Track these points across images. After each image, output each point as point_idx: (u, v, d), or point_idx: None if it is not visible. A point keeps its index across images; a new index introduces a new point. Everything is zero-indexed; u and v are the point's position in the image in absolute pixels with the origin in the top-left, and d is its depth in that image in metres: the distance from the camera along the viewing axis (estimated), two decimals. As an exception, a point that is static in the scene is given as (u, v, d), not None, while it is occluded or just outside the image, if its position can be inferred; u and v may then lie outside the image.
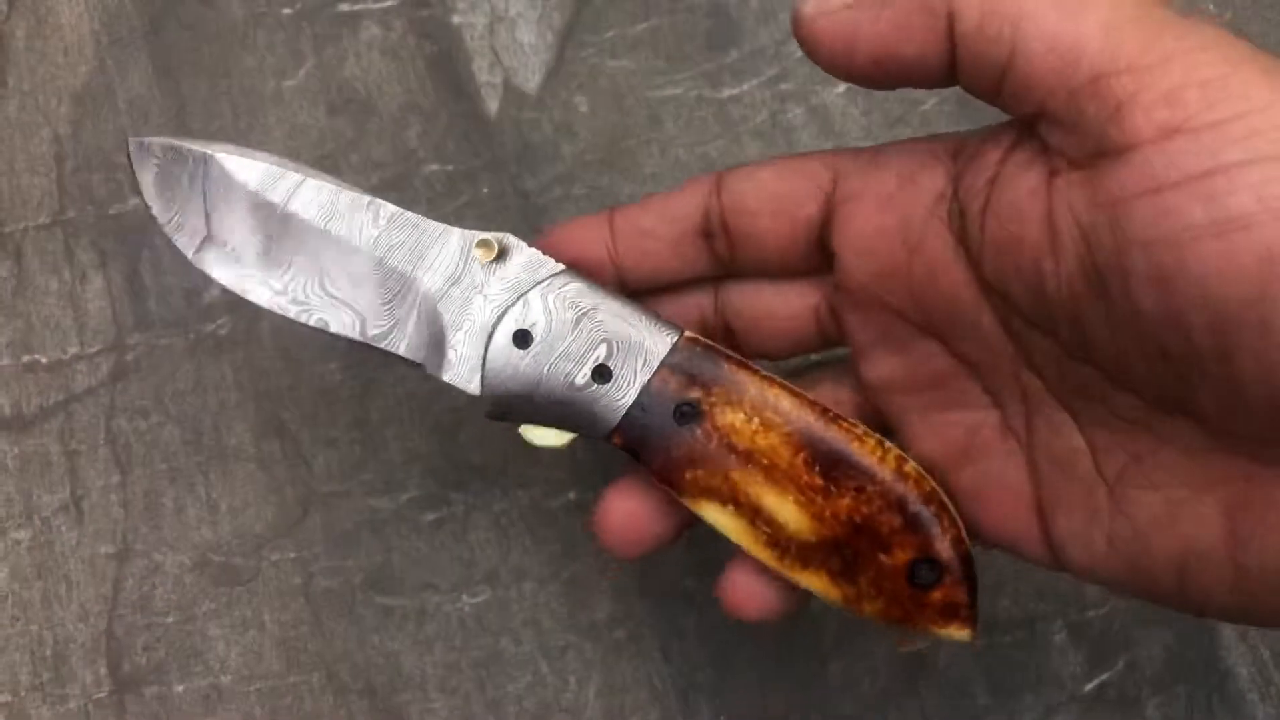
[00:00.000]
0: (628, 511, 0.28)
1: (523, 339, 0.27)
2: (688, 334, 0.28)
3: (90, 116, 0.36)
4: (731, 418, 0.27)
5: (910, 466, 0.27)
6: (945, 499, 0.27)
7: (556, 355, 0.27)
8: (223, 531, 0.34)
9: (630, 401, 0.27)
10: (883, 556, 0.27)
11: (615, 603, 0.34)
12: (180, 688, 0.33)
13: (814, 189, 0.28)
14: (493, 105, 0.36)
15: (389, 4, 0.36)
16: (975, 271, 0.26)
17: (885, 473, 0.27)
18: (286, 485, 0.34)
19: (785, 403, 0.27)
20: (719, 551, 0.34)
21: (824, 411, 0.27)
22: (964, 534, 0.27)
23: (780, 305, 0.29)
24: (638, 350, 0.27)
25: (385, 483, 0.34)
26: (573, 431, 0.28)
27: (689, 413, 0.27)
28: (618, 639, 0.34)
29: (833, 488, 0.27)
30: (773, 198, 0.28)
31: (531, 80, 0.36)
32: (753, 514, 0.27)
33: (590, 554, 0.34)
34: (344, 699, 0.33)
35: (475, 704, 0.33)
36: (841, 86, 0.37)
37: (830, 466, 0.27)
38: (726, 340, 0.30)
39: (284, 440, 0.34)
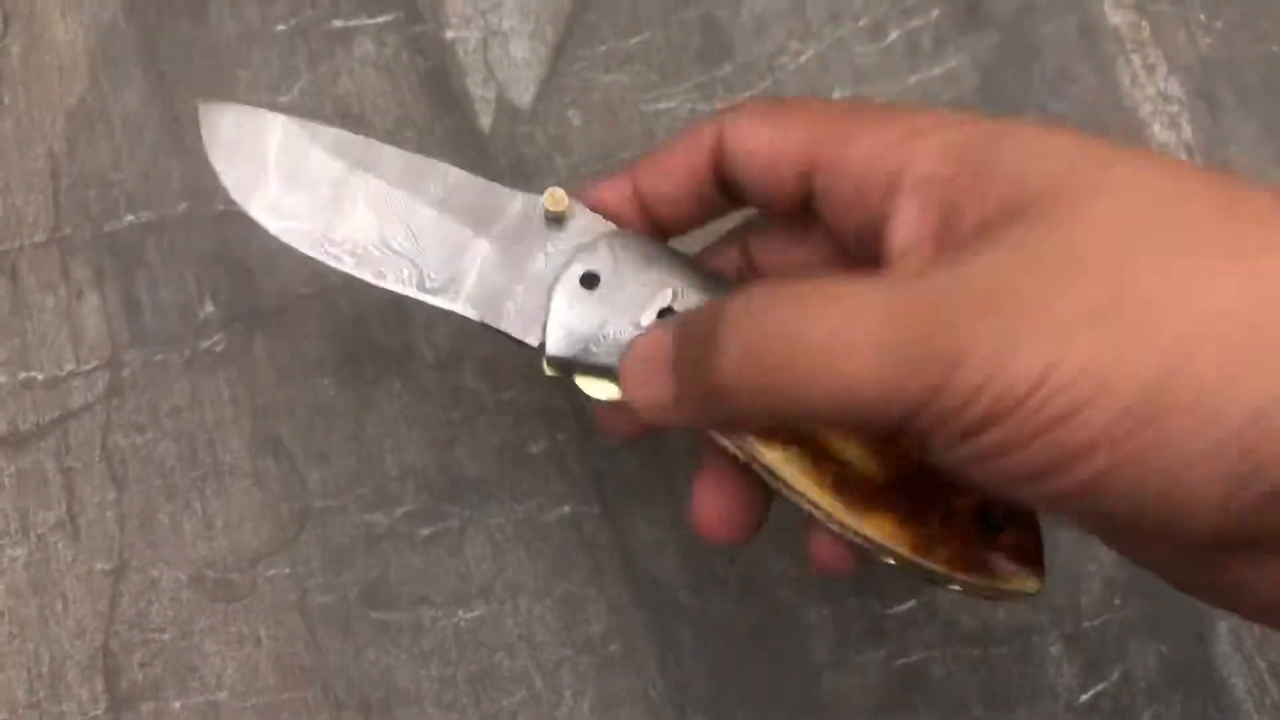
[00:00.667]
0: (718, 506, 0.28)
1: (590, 281, 0.27)
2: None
3: (85, 134, 0.36)
4: None
5: None
6: None
7: (624, 296, 0.27)
8: (218, 547, 0.34)
9: None
10: (954, 498, 0.26)
11: (610, 616, 0.34)
12: (177, 704, 0.33)
13: (811, 128, 0.26)
14: (486, 120, 0.36)
15: (382, 20, 0.37)
16: None
17: None
18: (282, 501, 0.34)
19: None
20: (714, 566, 0.34)
21: None
22: None
23: (806, 253, 0.28)
24: (701, 295, 0.27)
25: (380, 498, 0.34)
26: None
27: None
28: (613, 653, 0.34)
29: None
30: (771, 138, 0.27)
31: (525, 95, 0.36)
32: (820, 453, 0.26)
33: (585, 568, 0.34)
34: (340, 714, 0.33)
35: (470, 718, 0.33)
36: (835, 97, 0.37)
37: None
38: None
39: (279, 456, 0.34)
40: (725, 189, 0.28)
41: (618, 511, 0.34)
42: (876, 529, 0.26)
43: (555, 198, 0.28)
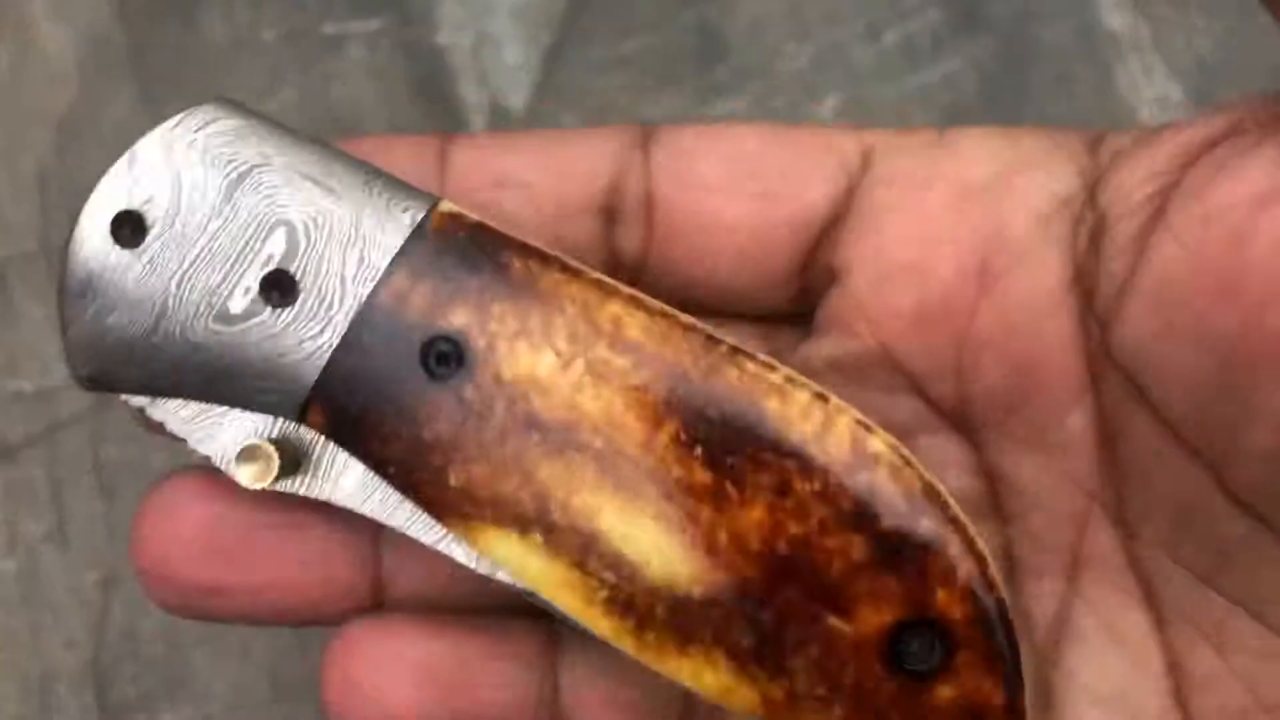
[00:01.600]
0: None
1: (131, 228, 0.17)
2: (446, 206, 0.16)
3: (74, 143, 0.36)
4: (530, 362, 0.15)
5: (880, 441, 0.16)
6: (951, 503, 0.16)
7: (193, 256, 0.16)
8: (209, 559, 0.34)
9: (336, 339, 0.16)
10: (834, 620, 0.15)
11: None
12: (168, 717, 0.33)
13: (828, 166, 0.17)
14: (480, 125, 0.36)
15: (373, 26, 0.36)
16: (1093, 331, 0.16)
17: (834, 454, 0.15)
18: (273, 512, 0.34)
19: (635, 329, 0.15)
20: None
21: (711, 342, 0.16)
22: (990, 571, 0.16)
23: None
24: (348, 239, 0.16)
25: (372, 508, 0.34)
26: (233, 406, 0.16)
27: (449, 354, 0.16)
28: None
29: (733, 488, 0.15)
30: (752, 170, 0.17)
31: (518, 99, 0.36)
32: (580, 547, 0.16)
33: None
34: (332, 727, 0.33)
35: (464, 731, 0.33)
36: (832, 101, 0.36)
37: (727, 447, 0.15)
38: None
39: (270, 467, 0.34)
40: (609, 229, 0.18)
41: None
42: (690, 676, 0.16)
43: None
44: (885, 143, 0.18)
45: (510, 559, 0.16)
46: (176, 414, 0.16)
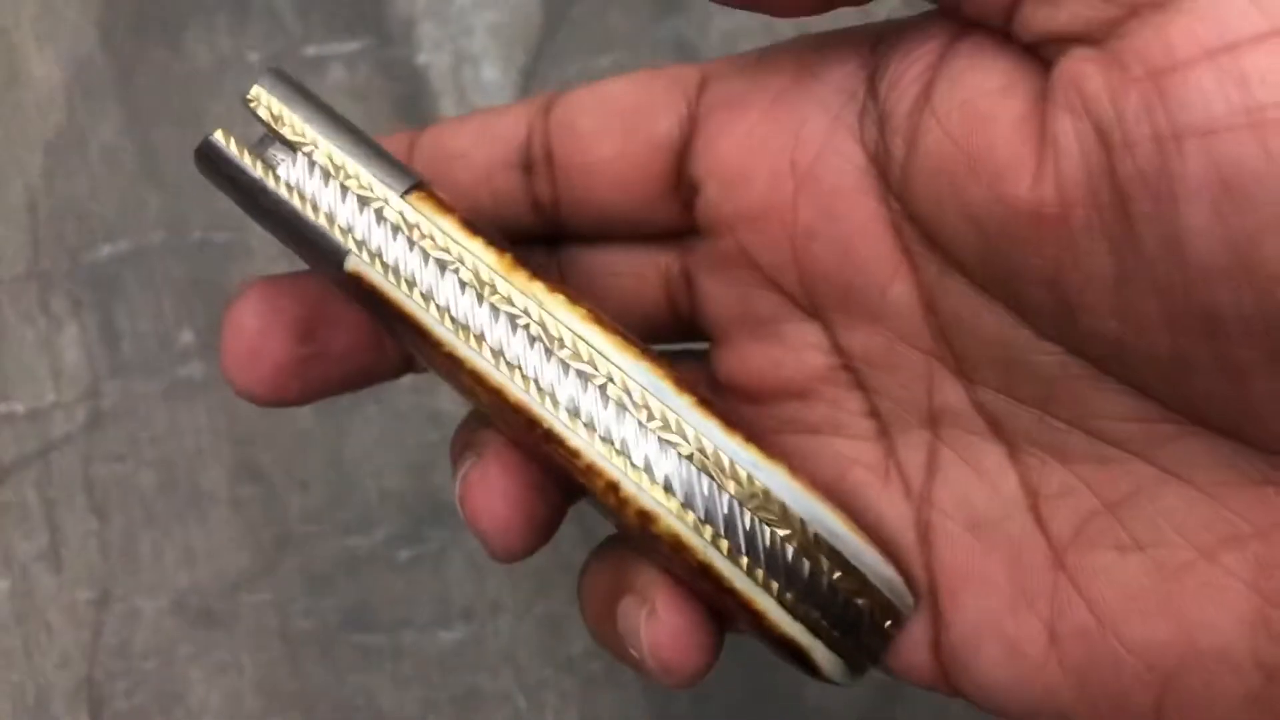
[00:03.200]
0: (503, 505, 0.21)
1: None
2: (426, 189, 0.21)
3: (62, 166, 0.36)
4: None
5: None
6: None
7: None
8: (200, 575, 0.34)
9: None
10: None
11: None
12: (162, 731, 0.33)
13: (672, 98, 0.21)
14: (460, 143, 0.36)
15: (354, 47, 0.37)
16: (894, 208, 0.19)
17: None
18: (262, 527, 0.34)
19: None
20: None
21: (697, 397, 0.20)
22: None
23: (621, 264, 0.22)
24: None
25: (360, 522, 0.34)
26: None
27: None
28: (594, 672, 0.34)
29: None
30: (616, 113, 0.21)
31: (498, 117, 0.37)
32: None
33: (565, 587, 0.34)
34: (323, 739, 0.33)
35: (454, 740, 0.34)
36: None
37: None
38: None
39: (258, 483, 0.35)
40: (531, 169, 0.22)
41: (595, 530, 0.34)
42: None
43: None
44: (717, 69, 0.21)
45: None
46: None
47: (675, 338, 0.23)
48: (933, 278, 0.19)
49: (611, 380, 0.19)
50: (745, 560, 0.19)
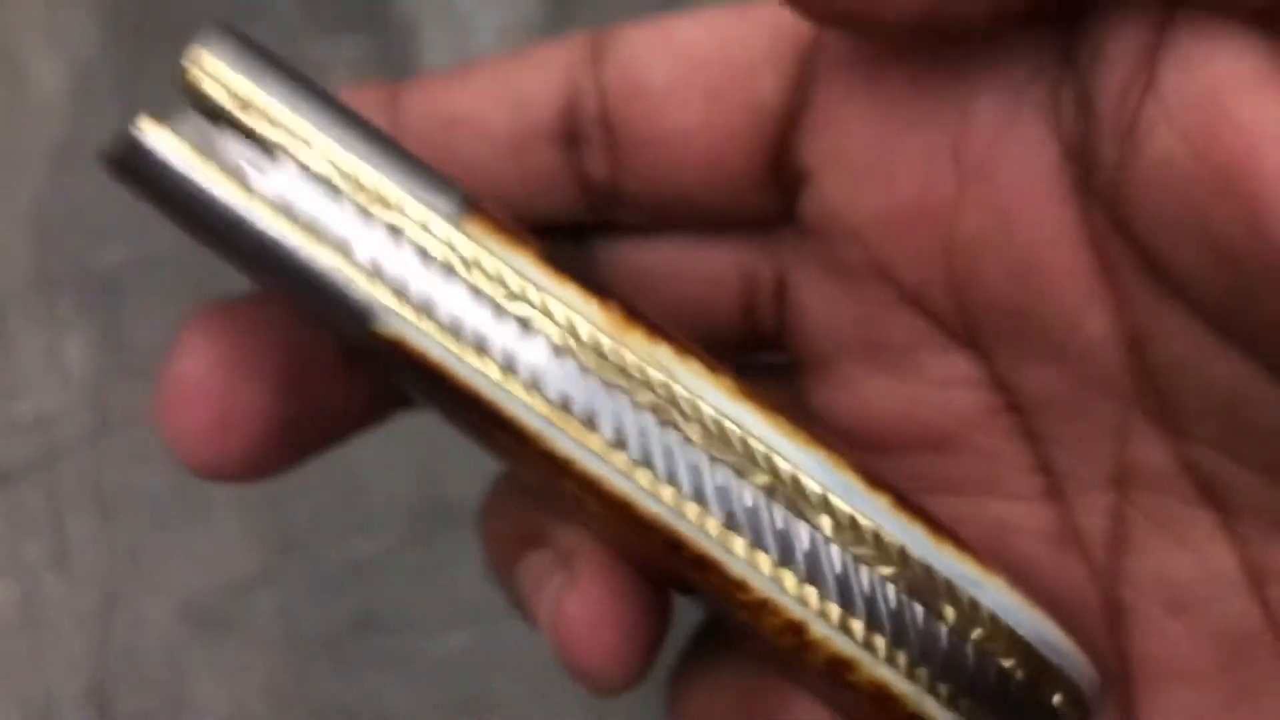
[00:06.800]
0: (605, 629, 0.17)
1: None
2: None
3: (67, 172, 0.36)
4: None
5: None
6: None
7: None
8: (207, 579, 0.34)
9: None
10: None
11: (601, 637, 0.34)
12: (170, 737, 0.33)
13: (775, 52, 0.16)
14: (465, 144, 0.36)
15: (358, 50, 0.37)
16: (1098, 219, 0.14)
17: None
18: (268, 531, 0.34)
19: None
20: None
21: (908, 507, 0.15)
22: None
23: (686, 263, 0.17)
24: None
25: (367, 524, 0.34)
26: None
27: None
28: (604, 673, 0.34)
29: None
30: (698, 67, 0.16)
31: (503, 118, 0.37)
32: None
33: (574, 589, 0.34)
34: (332, 743, 0.33)
35: (463, 744, 0.33)
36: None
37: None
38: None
39: (265, 486, 0.34)
40: (577, 145, 0.16)
41: (605, 531, 0.34)
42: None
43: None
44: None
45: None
46: None
47: (742, 353, 0.18)
48: (1147, 312, 0.14)
49: (779, 478, 0.14)
50: (967, 704, 0.14)
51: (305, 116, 0.15)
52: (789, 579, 0.14)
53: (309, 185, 0.15)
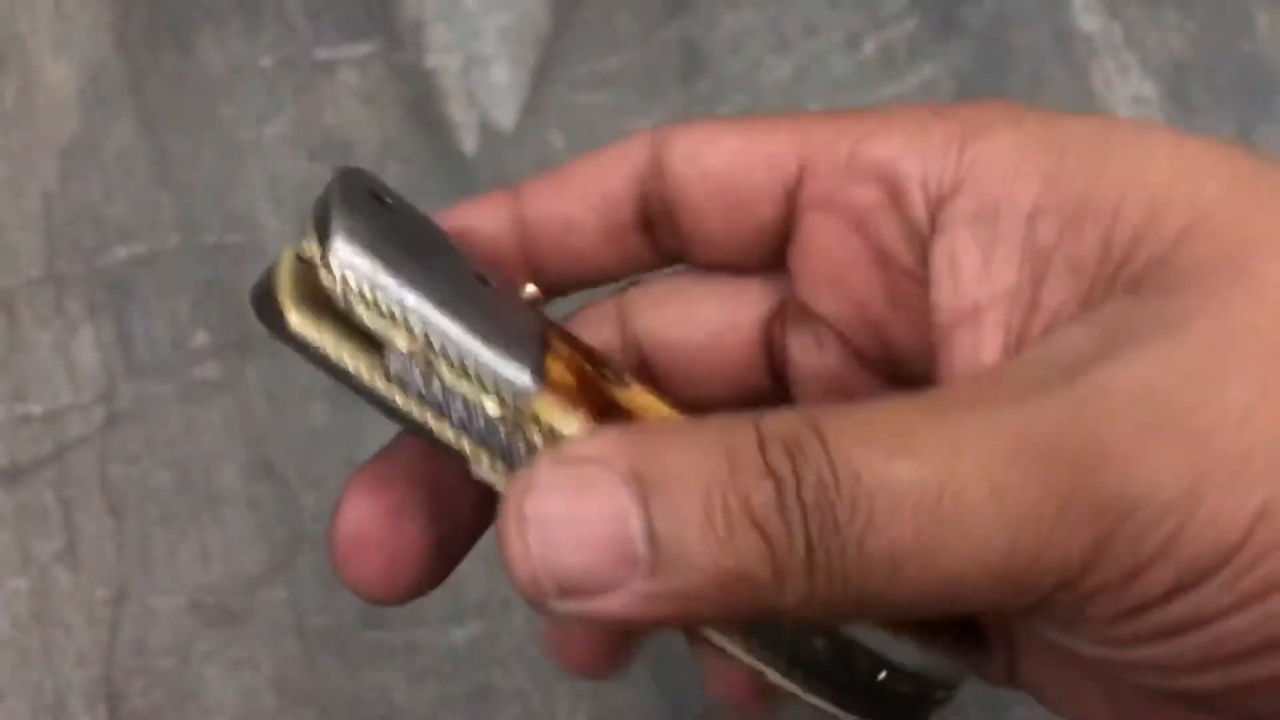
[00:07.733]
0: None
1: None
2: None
3: (78, 171, 0.37)
4: None
5: None
6: None
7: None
8: (215, 573, 0.34)
9: None
10: None
11: (604, 631, 0.34)
12: (178, 729, 0.34)
13: (773, 181, 0.20)
14: (470, 144, 0.37)
15: (365, 51, 0.37)
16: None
17: None
18: (277, 526, 0.35)
19: None
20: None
21: None
22: None
23: (716, 317, 0.22)
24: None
25: (374, 520, 0.35)
26: None
27: None
28: (607, 667, 0.34)
29: None
30: (728, 190, 0.20)
31: (507, 118, 0.37)
32: None
33: (578, 584, 0.34)
34: (339, 735, 0.34)
35: (468, 736, 0.34)
36: (811, 109, 0.37)
37: None
38: (640, 369, 0.22)
39: (273, 481, 0.35)
40: (652, 229, 0.21)
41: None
42: None
43: None
44: (814, 142, 0.20)
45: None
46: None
47: (759, 394, 0.23)
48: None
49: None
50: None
51: (415, 310, 0.18)
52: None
53: (410, 367, 0.18)
